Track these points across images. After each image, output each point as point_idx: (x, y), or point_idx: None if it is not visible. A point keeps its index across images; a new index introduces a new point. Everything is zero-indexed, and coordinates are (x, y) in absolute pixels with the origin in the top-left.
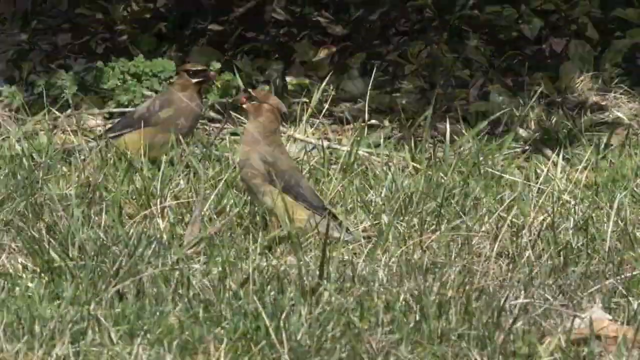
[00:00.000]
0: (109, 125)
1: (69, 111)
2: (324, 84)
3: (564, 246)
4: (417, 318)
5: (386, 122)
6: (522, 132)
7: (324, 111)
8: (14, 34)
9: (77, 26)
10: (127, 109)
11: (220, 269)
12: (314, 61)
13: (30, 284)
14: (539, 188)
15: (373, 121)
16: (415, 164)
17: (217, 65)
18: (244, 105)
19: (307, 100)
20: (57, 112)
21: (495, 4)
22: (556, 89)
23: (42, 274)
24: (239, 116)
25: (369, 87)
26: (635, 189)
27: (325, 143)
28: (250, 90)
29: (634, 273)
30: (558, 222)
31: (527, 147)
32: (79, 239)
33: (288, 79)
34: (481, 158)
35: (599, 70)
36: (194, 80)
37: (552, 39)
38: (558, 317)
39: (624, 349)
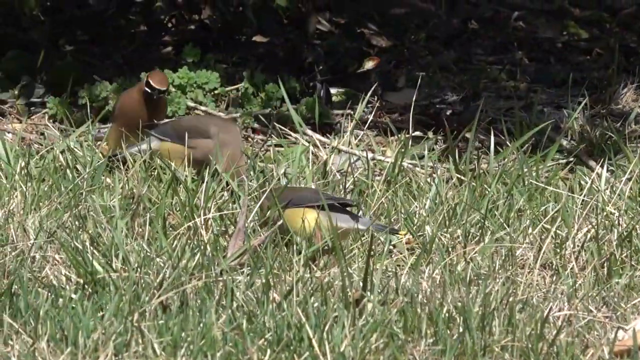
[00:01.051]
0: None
1: None
2: (368, 95)
3: (607, 258)
4: (461, 330)
5: (430, 134)
6: (566, 143)
7: (368, 122)
8: (58, 46)
9: (120, 37)
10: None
11: (263, 280)
12: (359, 72)
13: (73, 296)
14: (582, 200)
15: (417, 132)
16: (459, 176)
17: (262, 77)
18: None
19: (352, 112)
20: (101, 124)
21: (540, 16)
22: (601, 100)
23: (86, 286)
24: (282, 127)
25: (414, 98)
26: None
27: (370, 155)
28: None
29: None
30: (602, 234)
31: (571, 159)
32: (122, 250)
33: (333, 90)
34: (525, 170)
35: None
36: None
37: (596, 50)
38: (601, 329)
39: None
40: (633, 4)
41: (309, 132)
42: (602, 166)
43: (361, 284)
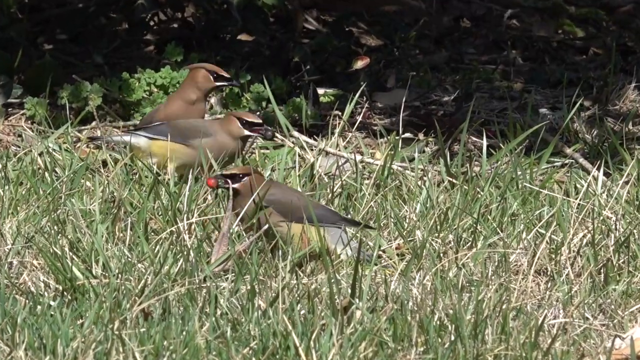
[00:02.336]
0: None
1: (93, 124)
2: (357, 95)
3: (604, 264)
4: (452, 338)
5: (421, 136)
6: (561, 145)
7: (356, 124)
8: (37, 44)
9: (101, 36)
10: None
11: (248, 287)
12: (348, 72)
13: (52, 303)
14: (578, 203)
15: (407, 134)
16: (450, 179)
17: (247, 77)
18: (235, 187)
19: (340, 113)
20: (80, 126)
21: (535, 14)
22: (598, 101)
23: (65, 293)
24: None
25: (404, 99)
26: None
27: (358, 157)
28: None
29: None
30: (598, 239)
31: (566, 161)
32: (102, 256)
33: (320, 91)
34: (519, 172)
35: None
36: (246, 133)
37: (593, 49)
38: (598, 337)
39: None
40: (630, 1)
41: (296, 133)
42: (598, 169)
43: (349, 290)
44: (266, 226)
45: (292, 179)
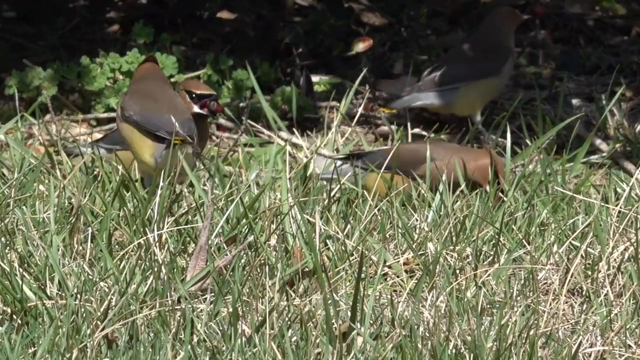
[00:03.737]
0: (99, 135)
1: (47, 117)
2: (357, 83)
3: None
4: None
5: (432, 132)
6: (599, 142)
7: (357, 117)
8: None
9: (57, 13)
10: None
11: (230, 309)
12: (347, 56)
13: None
14: (619, 211)
15: (416, 130)
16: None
17: (229, 61)
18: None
19: (337, 104)
20: (32, 119)
21: None
22: None
23: (14, 316)
24: (253, 123)
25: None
26: None
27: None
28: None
29: None
30: None
31: (605, 162)
32: (58, 273)
33: (314, 78)
34: (549, 174)
35: None
36: (195, 109)
37: (636, 29)
38: None
39: None
40: None
41: (284, 134)
42: None
43: (349, 313)
44: None
45: (283, 183)
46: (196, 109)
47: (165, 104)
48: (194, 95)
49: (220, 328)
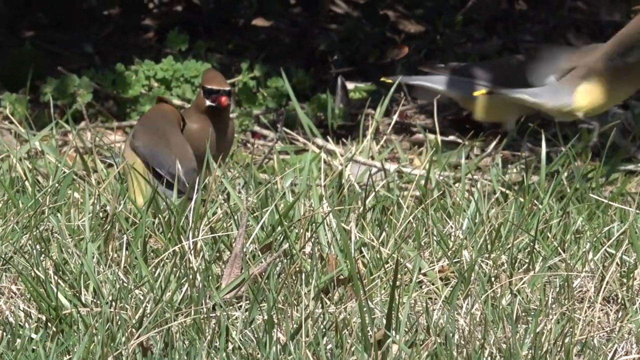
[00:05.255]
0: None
1: (82, 124)
2: (392, 90)
3: None
4: None
5: (468, 139)
6: (634, 150)
7: (392, 124)
8: (15, 31)
9: (91, 21)
10: None
11: (265, 316)
12: (382, 63)
13: (34, 336)
14: None
15: (452, 137)
16: (503, 189)
17: (264, 69)
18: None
19: (373, 112)
20: (67, 126)
21: None
22: None
23: (49, 324)
24: (288, 130)
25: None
26: None
27: (394, 165)
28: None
29: None
30: None
31: None
32: (93, 280)
33: (350, 85)
34: (584, 181)
35: None
36: (207, 103)
37: None
38: None
39: None
40: None
41: (319, 141)
42: None
43: (384, 321)
44: None
45: (314, 190)
46: (208, 102)
47: (175, 148)
48: (205, 90)
49: (255, 336)
